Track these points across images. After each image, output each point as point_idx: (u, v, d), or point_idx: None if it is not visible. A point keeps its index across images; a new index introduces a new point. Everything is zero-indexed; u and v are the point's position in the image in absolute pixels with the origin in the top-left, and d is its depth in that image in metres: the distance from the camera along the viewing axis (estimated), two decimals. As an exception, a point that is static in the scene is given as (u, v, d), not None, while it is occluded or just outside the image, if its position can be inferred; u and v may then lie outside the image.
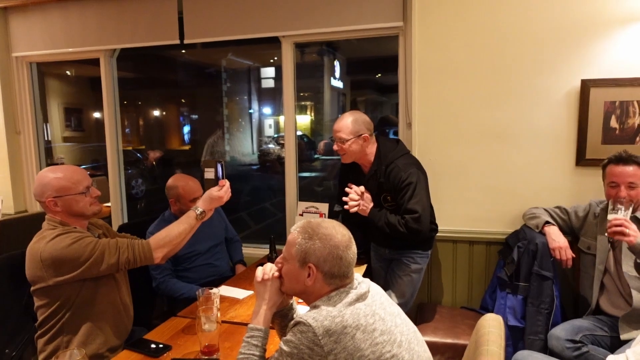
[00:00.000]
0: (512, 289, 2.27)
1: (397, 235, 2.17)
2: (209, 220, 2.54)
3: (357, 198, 2.21)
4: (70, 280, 1.61)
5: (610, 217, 1.87)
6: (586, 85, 2.42)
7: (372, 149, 2.28)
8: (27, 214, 3.55)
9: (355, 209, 2.20)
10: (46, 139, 3.87)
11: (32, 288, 1.67)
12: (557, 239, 2.17)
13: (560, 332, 1.99)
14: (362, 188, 2.24)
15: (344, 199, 2.24)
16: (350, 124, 2.21)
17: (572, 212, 2.30)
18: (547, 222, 2.26)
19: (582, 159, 2.47)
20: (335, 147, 2.29)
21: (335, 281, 1.25)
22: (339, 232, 1.27)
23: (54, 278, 1.60)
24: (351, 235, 1.30)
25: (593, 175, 2.42)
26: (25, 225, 3.13)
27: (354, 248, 1.29)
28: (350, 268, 1.27)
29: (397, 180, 2.16)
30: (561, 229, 2.26)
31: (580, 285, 2.28)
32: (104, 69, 3.43)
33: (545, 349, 2.13)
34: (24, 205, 3.69)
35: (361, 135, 2.21)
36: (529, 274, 2.22)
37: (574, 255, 2.16)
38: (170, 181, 2.53)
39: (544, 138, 2.52)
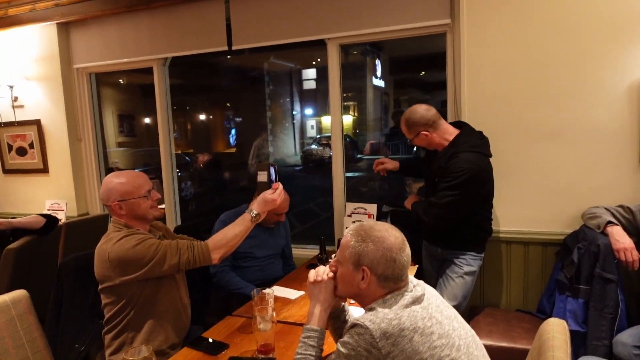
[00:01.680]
0: (573, 292, 2.18)
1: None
2: (277, 230, 2.58)
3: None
4: (135, 280, 1.70)
5: None
6: (650, 78, 2.28)
7: (444, 135, 2.25)
8: (89, 216, 3.75)
9: None
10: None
11: (100, 287, 1.77)
12: (621, 239, 2.06)
13: (627, 338, 1.89)
14: None
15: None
16: (406, 127, 2.29)
17: (637, 211, 2.17)
18: (610, 222, 2.14)
19: (646, 156, 2.34)
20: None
21: (389, 284, 1.25)
22: (392, 235, 1.27)
23: (120, 277, 1.69)
24: (404, 238, 1.30)
25: (659, 172, 2.28)
26: (87, 227, 3.32)
27: (407, 250, 1.28)
28: (404, 271, 1.26)
29: (451, 169, 2.13)
30: (625, 229, 2.14)
31: (647, 289, 2.15)
32: (157, 76, 3.58)
33: (609, 355, 2.03)
34: (85, 208, 3.91)
35: (419, 133, 2.23)
36: (590, 277, 2.12)
37: (640, 257, 2.04)
38: None
39: (603, 135, 2.40)
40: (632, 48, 2.30)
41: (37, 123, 3.81)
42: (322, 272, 1.38)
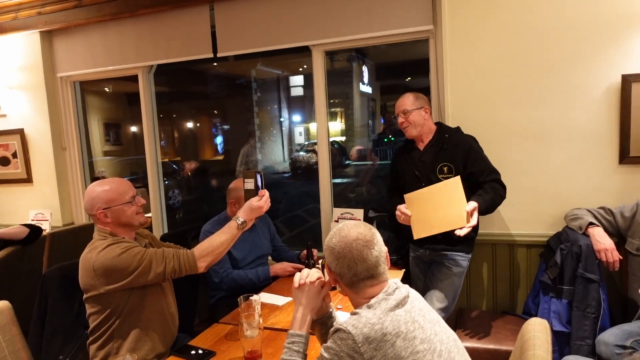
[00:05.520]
0: (556, 292, 2.21)
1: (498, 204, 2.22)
2: (260, 229, 2.62)
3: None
4: (120, 289, 1.68)
5: None
6: (627, 81, 2.34)
7: (432, 126, 2.39)
8: (74, 226, 3.71)
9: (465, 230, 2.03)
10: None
11: (84, 296, 1.75)
12: (602, 240, 2.10)
13: (609, 338, 1.92)
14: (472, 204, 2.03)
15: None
16: (412, 97, 2.37)
17: (618, 213, 2.22)
18: (591, 223, 2.19)
19: (625, 157, 2.39)
20: (399, 121, 2.38)
21: (356, 279, 1.24)
22: (355, 231, 1.26)
23: (105, 286, 1.67)
24: (371, 232, 1.27)
25: (638, 173, 2.33)
26: (72, 236, 3.28)
27: (373, 245, 1.25)
28: (368, 263, 1.23)
29: (463, 144, 2.27)
30: (606, 230, 2.18)
31: (629, 289, 2.19)
32: (142, 84, 3.56)
33: (592, 355, 2.06)
34: (70, 218, 3.86)
35: (423, 107, 2.34)
36: (573, 277, 2.15)
37: (620, 257, 2.08)
38: (233, 184, 2.62)
39: (583, 136, 2.45)
40: (610, 51, 2.36)
41: (20, 132, 3.77)
42: (305, 276, 1.38)
